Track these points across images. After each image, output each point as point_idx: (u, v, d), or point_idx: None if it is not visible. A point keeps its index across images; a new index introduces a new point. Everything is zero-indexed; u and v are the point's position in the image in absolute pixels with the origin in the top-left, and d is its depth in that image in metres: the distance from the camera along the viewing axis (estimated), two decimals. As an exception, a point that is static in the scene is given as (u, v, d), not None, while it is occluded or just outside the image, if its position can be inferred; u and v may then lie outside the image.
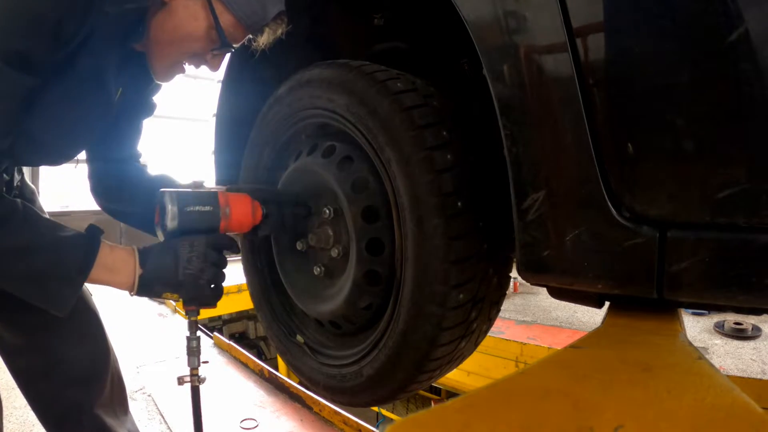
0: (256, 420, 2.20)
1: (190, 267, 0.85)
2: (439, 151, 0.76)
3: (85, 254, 0.80)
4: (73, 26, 0.74)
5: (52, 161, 0.95)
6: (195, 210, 0.85)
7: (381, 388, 0.90)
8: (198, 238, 0.86)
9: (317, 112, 0.96)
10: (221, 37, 0.86)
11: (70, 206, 6.59)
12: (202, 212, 0.86)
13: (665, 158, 0.54)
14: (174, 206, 0.84)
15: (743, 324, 3.50)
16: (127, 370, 2.65)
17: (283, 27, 0.91)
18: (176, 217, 0.83)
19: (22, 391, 1.07)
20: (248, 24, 0.87)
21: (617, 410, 0.37)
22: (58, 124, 0.84)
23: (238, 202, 0.91)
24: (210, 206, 0.87)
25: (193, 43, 0.87)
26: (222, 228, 0.89)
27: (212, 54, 0.91)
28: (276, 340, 1.18)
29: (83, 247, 0.80)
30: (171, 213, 0.83)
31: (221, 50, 0.91)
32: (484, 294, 0.83)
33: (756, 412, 0.35)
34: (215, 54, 0.92)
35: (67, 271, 0.78)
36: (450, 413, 0.39)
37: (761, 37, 0.46)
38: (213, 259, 0.87)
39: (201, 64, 0.93)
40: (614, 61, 0.56)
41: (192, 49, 0.89)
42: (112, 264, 0.82)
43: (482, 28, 0.67)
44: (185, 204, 0.85)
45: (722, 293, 0.53)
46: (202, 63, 0.93)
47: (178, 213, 0.84)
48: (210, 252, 0.87)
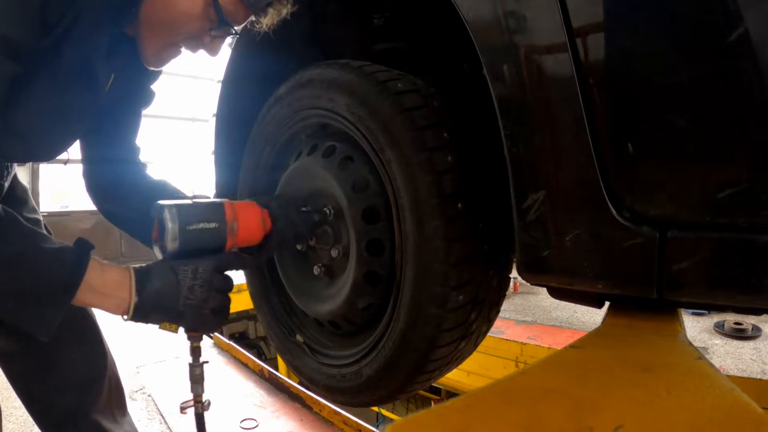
0: (256, 420, 2.20)
1: (192, 297, 0.75)
2: (440, 152, 0.76)
3: (72, 272, 0.69)
4: (58, 8, 0.68)
5: (40, 157, 0.87)
6: (198, 228, 0.75)
7: (380, 388, 0.90)
8: (202, 262, 0.76)
9: (317, 113, 0.96)
10: (220, 16, 0.79)
11: (70, 206, 6.59)
12: (206, 230, 0.76)
13: (665, 158, 0.54)
14: (174, 224, 0.74)
15: (743, 324, 3.50)
16: (126, 371, 2.66)
17: (288, 6, 0.84)
18: (177, 237, 0.74)
19: (19, 395, 1.06)
20: (250, 2, 0.81)
21: (617, 410, 0.37)
22: (45, 116, 0.77)
23: (246, 213, 0.82)
24: (215, 222, 0.77)
25: (189, 22, 0.79)
26: (228, 246, 0.80)
27: (211, 36, 0.83)
28: (276, 340, 1.18)
29: (69, 263, 0.69)
30: (171, 232, 0.74)
31: (220, 31, 0.83)
32: (484, 295, 0.83)
33: (756, 412, 0.35)
34: (214, 36, 0.84)
35: (49, 290, 0.67)
36: (450, 413, 0.39)
37: (761, 37, 0.46)
38: (218, 286, 0.78)
39: (198, 47, 0.85)
40: (614, 61, 0.56)
41: (188, 30, 0.81)
42: (103, 286, 0.71)
43: (482, 28, 0.67)
44: (187, 221, 0.75)
45: (722, 293, 0.53)
46: (200, 46, 0.85)
47: (179, 232, 0.74)
48: (215, 278, 0.77)
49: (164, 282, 0.73)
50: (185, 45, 0.85)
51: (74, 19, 0.70)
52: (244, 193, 1.22)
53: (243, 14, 0.83)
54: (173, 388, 2.50)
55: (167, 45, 0.83)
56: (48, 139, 0.84)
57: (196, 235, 0.76)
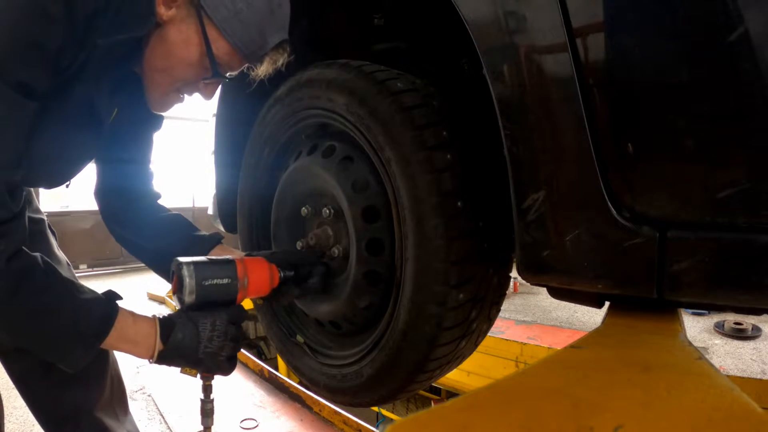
0: (256, 420, 2.21)
1: (210, 346, 0.83)
2: (439, 150, 0.76)
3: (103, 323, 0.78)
4: (71, 53, 0.72)
5: (51, 184, 0.93)
6: (213, 284, 0.84)
7: (381, 388, 0.90)
8: (219, 315, 0.85)
9: (317, 112, 0.96)
10: (213, 66, 0.81)
11: (70, 206, 6.60)
12: (220, 285, 0.85)
13: (665, 158, 0.54)
14: (192, 280, 0.82)
15: (743, 324, 3.50)
16: (127, 370, 2.65)
17: (284, 57, 0.86)
18: (194, 291, 0.83)
19: (21, 393, 1.07)
20: (245, 53, 0.82)
21: (617, 410, 0.37)
22: (54, 148, 0.83)
23: (255, 269, 0.90)
24: (228, 278, 0.86)
25: (185, 70, 0.83)
26: (239, 299, 0.89)
27: (204, 83, 0.87)
28: (276, 340, 1.18)
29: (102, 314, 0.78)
30: (189, 287, 0.82)
31: (213, 79, 0.86)
32: (484, 294, 0.83)
33: (756, 412, 0.35)
34: (207, 83, 0.87)
35: (83, 335, 0.76)
36: (450, 413, 0.39)
37: (761, 37, 0.46)
38: (232, 335, 0.86)
39: (194, 92, 0.89)
40: (614, 61, 0.56)
41: (184, 77, 0.84)
42: (134, 336, 0.80)
43: (482, 28, 0.67)
44: (203, 278, 0.84)
45: (722, 293, 0.53)
46: (195, 91, 0.89)
47: (196, 287, 0.83)
48: (230, 329, 0.85)
49: (185, 333, 0.82)
50: (183, 91, 0.88)
51: (84, 62, 0.74)
52: (245, 193, 1.22)
53: (238, 63, 0.85)
54: (173, 388, 2.50)
55: (168, 91, 0.87)
56: (57, 167, 0.90)
57: (210, 290, 0.84)
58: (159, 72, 0.83)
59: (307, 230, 1.05)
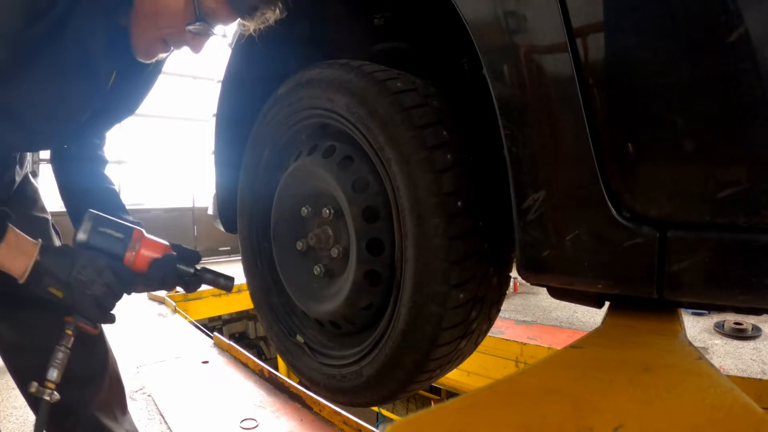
0: (256, 420, 2.20)
1: (82, 273, 0.86)
2: (439, 150, 0.76)
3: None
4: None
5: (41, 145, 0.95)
6: (107, 232, 0.91)
7: (381, 388, 0.90)
8: (101, 257, 0.89)
9: (317, 112, 0.96)
10: (197, 12, 0.79)
11: (70, 206, 6.58)
12: (112, 237, 0.91)
13: (665, 158, 0.54)
14: (90, 223, 0.90)
15: (743, 324, 3.50)
16: (126, 370, 2.66)
17: (275, 13, 0.84)
18: (88, 231, 0.90)
19: (20, 389, 1.07)
20: (233, 3, 0.81)
21: (617, 410, 0.37)
22: (42, 104, 0.81)
23: (151, 244, 0.95)
24: (122, 234, 0.92)
25: (171, 17, 0.81)
26: (127, 259, 0.92)
27: (191, 33, 0.84)
28: (276, 340, 1.18)
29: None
30: (84, 227, 0.90)
31: (199, 28, 0.83)
32: (485, 294, 0.83)
33: (756, 412, 0.35)
34: (194, 33, 0.84)
35: None
36: (450, 413, 0.39)
37: (761, 37, 0.46)
38: (107, 280, 0.88)
39: (182, 44, 0.87)
40: (614, 61, 0.56)
41: (170, 24, 0.82)
42: (16, 244, 0.83)
43: (482, 28, 0.67)
44: (101, 225, 0.91)
45: (722, 293, 0.53)
46: (183, 43, 0.86)
47: (91, 230, 0.90)
48: (108, 273, 0.88)
49: (64, 255, 0.87)
50: (169, 40, 0.86)
51: (69, 7, 0.72)
52: (245, 193, 1.22)
53: (225, 14, 0.84)
54: (173, 388, 2.50)
55: (154, 39, 0.85)
56: (47, 127, 0.88)
57: (103, 237, 0.91)
58: (145, 17, 0.82)
59: (307, 230, 1.05)
